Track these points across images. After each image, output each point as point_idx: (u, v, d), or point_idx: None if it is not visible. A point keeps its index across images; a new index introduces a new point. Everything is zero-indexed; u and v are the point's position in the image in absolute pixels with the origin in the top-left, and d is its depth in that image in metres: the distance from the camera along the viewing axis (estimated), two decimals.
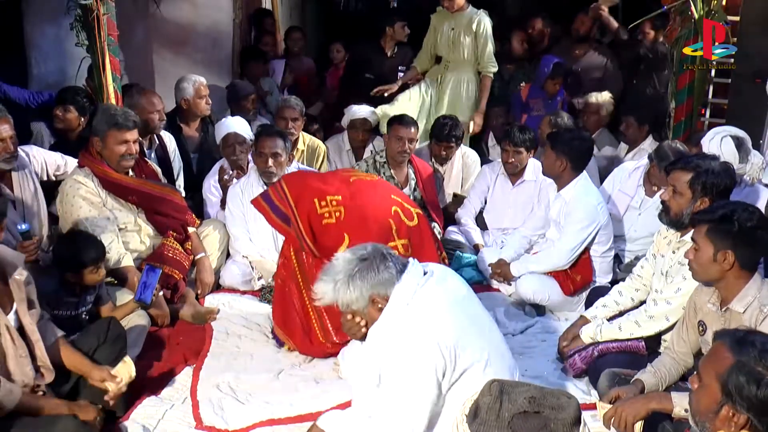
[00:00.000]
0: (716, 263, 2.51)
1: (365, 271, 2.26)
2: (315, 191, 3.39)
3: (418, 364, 2.18)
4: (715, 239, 2.50)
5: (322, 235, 3.32)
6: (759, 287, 2.50)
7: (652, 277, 3.22)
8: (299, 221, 3.33)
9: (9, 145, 3.47)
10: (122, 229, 3.79)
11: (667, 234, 3.15)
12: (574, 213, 3.90)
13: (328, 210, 3.33)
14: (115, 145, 3.70)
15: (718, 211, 2.53)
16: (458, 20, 5.42)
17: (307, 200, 3.36)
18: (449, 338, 2.20)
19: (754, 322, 2.43)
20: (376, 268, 2.26)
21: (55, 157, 4.03)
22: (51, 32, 5.37)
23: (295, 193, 3.40)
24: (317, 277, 2.36)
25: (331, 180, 3.53)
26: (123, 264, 3.68)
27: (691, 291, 2.81)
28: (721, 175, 2.98)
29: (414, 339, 2.20)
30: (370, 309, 2.28)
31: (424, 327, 2.21)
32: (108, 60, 4.25)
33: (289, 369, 3.38)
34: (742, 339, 1.81)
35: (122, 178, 3.78)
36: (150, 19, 6.00)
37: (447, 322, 2.23)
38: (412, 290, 2.27)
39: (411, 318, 2.23)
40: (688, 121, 4.60)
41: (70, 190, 3.69)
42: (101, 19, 4.17)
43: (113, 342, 2.94)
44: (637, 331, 3.08)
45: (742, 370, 1.74)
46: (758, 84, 4.59)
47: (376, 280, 2.25)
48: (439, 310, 2.26)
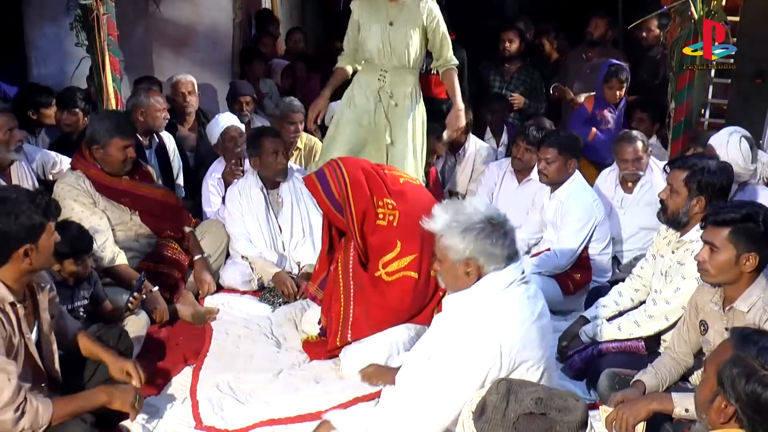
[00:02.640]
0: (737, 266, 2.44)
1: (483, 234, 2.21)
2: (375, 188, 3.21)
3: (474, 358, 2.14)
4: (739, 242, 2.42)
5: (371, 235, 3.21)
6: (764, 287, 2.47)
7: (651, 277, 3.21)
8: (354, 215, 3.17)
9: (17, 134, 3.59)
10: (115, 230, 3.78)
11: (667, 234, 3.14)
12: (572, 212, 3.90)
13: (384, 212, 3.19)
14: (118, 153, 3.70)
15: (740, 211, 2.44)
16: (398, 12, 4.02)
17: (365, 196, 3.17)
18: (515, 347, 2.15)
19: (758, 321, 2.40)
20: (494, 238, 2.21)
21: (50, 155, 4.04)
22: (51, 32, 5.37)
23: (354, 180, 3.19)
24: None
25: (384, 177, 3.30)
26: (117, 263, 3.67)
27: (690, 291, 2.79)
28: (717, 174, 2.96)
29: (482, 333, 2.15)
30: (461, 267, 2.23)
31: (496, 325, 2.16)
32: (108, 60, 4.26)
33: (288, 369, 3.36)
34: (747, 336, 1.83)
35: (115, 181, 3.77)
36: (150, 18, 5.99)
37: (519, 332, 2.18)
38: (506, 284, 2.23)
39: (489, 310, 2.19)
40: (687, 121, 4.59)
41: (62, 192, 3.69)
42: (101, 19, 4.18)
43: (122, 352, 2.91)
44: (636, 330, 3.08)
45: (736, 364, 1.75)
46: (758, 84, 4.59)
47: (486, 248, 2.20)
48: (519, 316, 2.20)
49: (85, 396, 2.57)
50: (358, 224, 3.19)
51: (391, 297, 3.21)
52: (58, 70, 5.34)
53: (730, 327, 2.34)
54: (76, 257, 3.20)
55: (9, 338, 2.35)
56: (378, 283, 3.23)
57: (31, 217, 2.36)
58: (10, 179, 3.68)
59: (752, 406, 1.71)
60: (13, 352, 2.37)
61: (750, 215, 2.42)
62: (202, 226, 4.29)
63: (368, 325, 3.24)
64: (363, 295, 3.25)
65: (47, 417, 2.37)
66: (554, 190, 4.02)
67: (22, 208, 2.35)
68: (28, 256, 2.37)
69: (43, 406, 2.36)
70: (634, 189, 4.29)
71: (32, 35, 5.61)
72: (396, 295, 3.20)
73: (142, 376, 2.73)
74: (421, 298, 3.23)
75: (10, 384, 2.28)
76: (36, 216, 2.37)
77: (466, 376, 2.14)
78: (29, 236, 2.37)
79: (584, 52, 6.06)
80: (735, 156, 3.58)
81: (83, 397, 2.56)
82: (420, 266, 3.18)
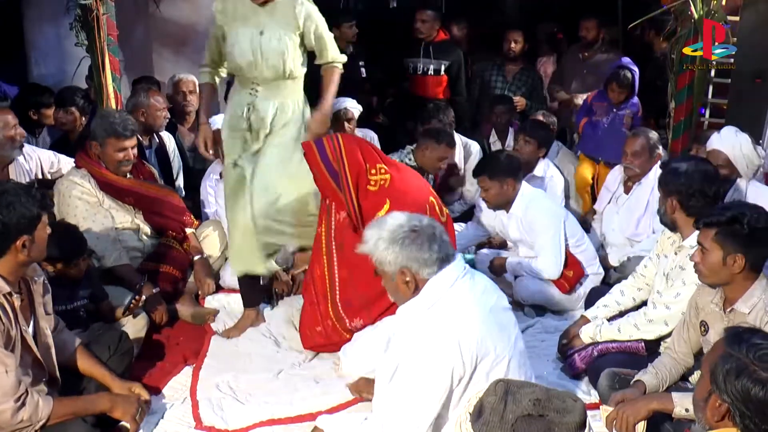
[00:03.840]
0: (726, 267, 2.46)
1: (409, 242, 2.23)
2: (368, 155, 3.28)
3: (436, 361, 2.14)
4: (724, 243, 2.45)
5: (363, 200, 3.26)
6: (764, 288, 2.47)
7: (654, 276, 3.20)
8: (349, 178, 3.22)
9: (21, 131, 3.67)
10: (119, 228, 3.77)
11: (671, 234, 3.13)
12: (536, 222, 3.89)
13: (376, 178, 3.25)
14: (114, 152, 3.70)
15: (726, 213, 2.47)
16: (270, 17, 3.38)
17: (358, 161, 3.24)
18: (473, 342, 2.16)
19: (759, 322, 2.41)
20: (420, 244, 2.23)
21: (48, 154, 4.04)
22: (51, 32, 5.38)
23: (348, 148, 3.26)
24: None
25: (379, 152, 3.46)
26: (120, 262, 3.66)
27: (689, 297, 2.78)
28: (684, 177, 2.95)
29: (437, 335, 2.16)
30: (398, 278, 2.26)
31: (450, 325, 2.17)
32: (108, 60, 4.26)
33: (288, 369, 3.36)
34: (738, 334, 1.83)
35: (119, 179, 3.77)
36: (150, 18, 5.98)
37: (474, 326, 2.19)
38: (449, 284, 2.24)
39: (440, 313, 2.20)
40: (687, 120, 4.59)
41: (66, 190, 3.69)
42: (101, 19, 4.19)
43: (122, 355, 2.96)
44: (636, 334, 3.07)
45: (727, 361, 1.76)
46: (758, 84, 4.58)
47: (414, 255, 2.22)
48: (469, 311, 2.22)
49: (87, 400, 2.58)
50: (355, 187, 3.22)
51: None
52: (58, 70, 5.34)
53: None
54: (67, 261, 3.18)
55: (6, 331, 2.35)
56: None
57: (29, 209, 2.39)
58: (8, 178, 3.67)
59: (743, 402, 1.71)
60: (11, 345, 2.37)
61: (735, 217, 2.44)
62: (202, 226, 4.29)
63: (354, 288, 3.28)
64: (342, 255, 3.29)
65: (47, 412, 2.38)
66: (508, 210, 4.00)
67: (20, 199, 2.37)
68: (26, 247, 2.39)
69: (43, 401, 2.38)
70: (630, 190, 4.29)
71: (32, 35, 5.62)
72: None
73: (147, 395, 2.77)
74: None
75: (8, 376, 2.29)
76: (33, 207, 2.40)
77: (431, 380, 2.15)
78: (28, 227, 2.40)
79: (581, 52, 6.05)
80: (750, 154, 3.61)
81: (85, 401, 2.57)
82: None
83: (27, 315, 2.51)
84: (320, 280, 3.37)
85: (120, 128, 3.66)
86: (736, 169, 3.67)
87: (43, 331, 2.58)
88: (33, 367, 2.50)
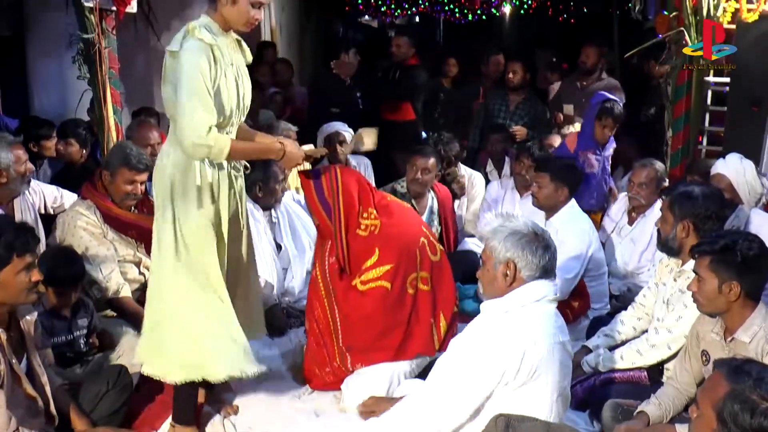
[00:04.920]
0: (722, 295, 2.48)
1: (525, 240, 2.39)
2: (364, 195, 3.26)
3: (493, 354, 2.28)
4: (719, 271, 2.47)
5: (352, 241, 3.22)
6: (764, 317, 2.47)
7: (654, 305, 3.20)
8: (342, 215, 3.20)
9: (30, 166, 3.73)
10: (122, 261, 3.77)
11: (669, 262, 3.14)
12: (568, 240, 3.89)
13: (366, 222, 3.24)
14: (123, 183, 3.71)
15: (719, 242, 2.50)
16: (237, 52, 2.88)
17: (353, 200, 3.22)
18: (536, 357, 2.28)
19: (760, 351, 2.41)
20: (534, 247, 2.38)
21: (51, 189, 4.06)
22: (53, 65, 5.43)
23: (346, 185, 3.23)
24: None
25: (374, 191, 3.39)
26: (121, 294, 3.66)
27: (692, 319, 2.78)
28: (699, 200, 2.98)
29: (508, 333, 2.30)
30: (501, 268, 2.39)
31: (524, 330, 2.31)
32: (109, 92, 4.28)
33: (289, 400, 3.33)
34: (738, 368, 1.82)
35: (123, 213, 3.78)
36: (151, 51, 6.04)
37: (545, 345, 2.31)
38: (538, 296, 2.38)
39: (522, 317, 2.34)
40: (685, 148, 4.61)
41: (71, 220, 3.70)
42: (103, 52, 4.21)
43: (120, 390, 2.93)
44: (639, 360, 3.06)
45: (737, 399, 1.74)
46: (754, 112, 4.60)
47: (524, 253, 2.37)
48: (546, 331, 2.34)
49: None
50: (345, 226, 3.21)
51: (364, 305, 3.22)
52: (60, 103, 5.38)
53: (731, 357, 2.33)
54: (60, 286, 3.18)
55: None
56: (350, 292, 3.25)
57: None
58: (13, 212, 3.73)
59: None
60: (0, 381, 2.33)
61: (728, 245, 2.47)
62: None
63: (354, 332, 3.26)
64: (337, 300, 3.30)
65: None
66: (549, 217, 4.02)
67: None
68: None
69: None
70: (635, 222, 4.30)
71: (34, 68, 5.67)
72: (368, 302, 3.21)
73: None
74: (392, 309, 3.22)
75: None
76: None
77: (483, 369, 2.29)
78: None
79: (579, 80, 6.10)
80: (753, 181, 3.63)
81: None
82: (394, 278, 3.20)
83: (20, 351, 2.48)
84: (323, 321, 3.33)
85: (134, 160, 3.68)
86: (738, 195, 3.69)
87: (37, 368, 2.56)
88: (26, 404, 2.47)
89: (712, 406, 1.80)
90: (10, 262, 2.36)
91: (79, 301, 3.34)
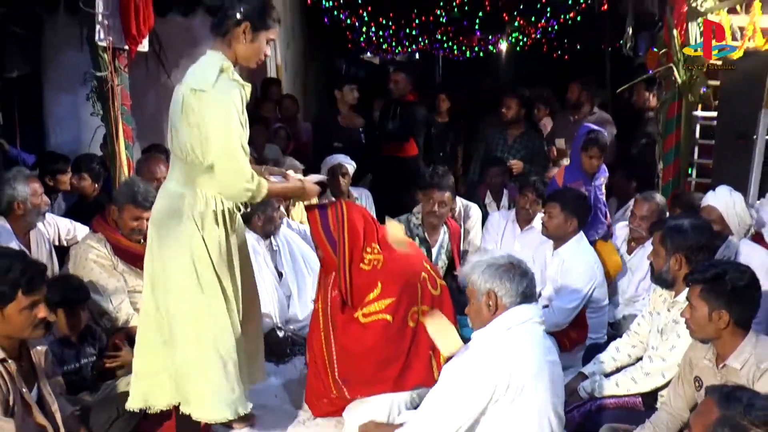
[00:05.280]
0: (712, 322, 2.50)
1: (502, 269, 2.47)
2: (369, 230, 3.29)
3: (483, 372, 2.35)
4: (709, 299, 2.49)
5: (355, 275, 3.23)
6: (755, 344, 2.48)
7: (648, 334, 3.20)
8: (346, 248, 3.21)
9: (46, 199, 3.84)
10: (131, 291, 3.80)
11: (663, 292, 3.15)
12: (573, 272, 3.91)
13: (370, 257, 3.26)
14: (129, 219, 3.75)
15: (710, 271, 2.53)
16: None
17: (358, 234, 3.25)
18: (524, 374, 2.34)
19: (752, 378, 2.41)
20: (512, 276, 2.46)
21: (65, 222, 4.10)
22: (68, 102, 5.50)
23: (351, 220, 3.25)
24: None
25: (378, 227, 3.41)
26: (131, 324, 3.66)
27: (685, 349, 2.79)
28: (690, 233, 3.00)
29: (494, 352, 2.37)
30: (484, 299, 2.48)
31: (510, 349, 2.37)
32: (121, 128, 4.33)
33: (292, 427, 3.32)
34: (729, 394, 1.83)
35: (133, 246, 3.81)
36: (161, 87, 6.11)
37: (531, 362, 2.38)
38: (523, 319, 2.44)
39: (507, 337, 2.41)
40: (676, 180, 4.65)
41: (83, 253, 3.74)
42: (116, 89, 4.27)
43: (129, 417, 2.93)
44: (633, 387, 3.05)
45: (727, 424, 1.75)
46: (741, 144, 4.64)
47: (503, 282, 2.46)
48: (533, 350, 2.41)
49: None
50: (349, 261, 3.22)
51: (365, 337, 3.22)
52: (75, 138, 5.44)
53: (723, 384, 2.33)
54: (68, 307, 3.23)
55: (4, 397, 2.31)
56: (352, 325, 3.25)
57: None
58: (29, 244, 3.78)
59: None
60: (9, 411, 2.32)
61: (718, 274, 2.49)
62: None
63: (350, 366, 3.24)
64: (336, 335, 3.30)
65: None
66: (557, 246, 4.03)
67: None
68: None
69: None
70: (633, 251, 4.31)
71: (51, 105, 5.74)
72: (369, 335, 3.22)
73: None
74: (393, 341, 3.23)
75: None
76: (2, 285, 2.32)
77: (474, 386, 2.35)
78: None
79: (570, 115, 6.16)
80: (743, 213, 3.65)
81: None
82: (396, 311, 3.22)
83: (30, 381, 2.48)
84: (319, 355, 3.33)
85: (140, 197, 3.70)
86: (727, 226, 3.71)
87: (47, 396, 2.55)
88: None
89: (705, 431, 1.80)
90: (14, 299, 2.35)
91: (86, 328, 3.38)
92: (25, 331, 2.40)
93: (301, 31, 10.09)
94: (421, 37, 14.91)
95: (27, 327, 2.39)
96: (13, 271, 2.33)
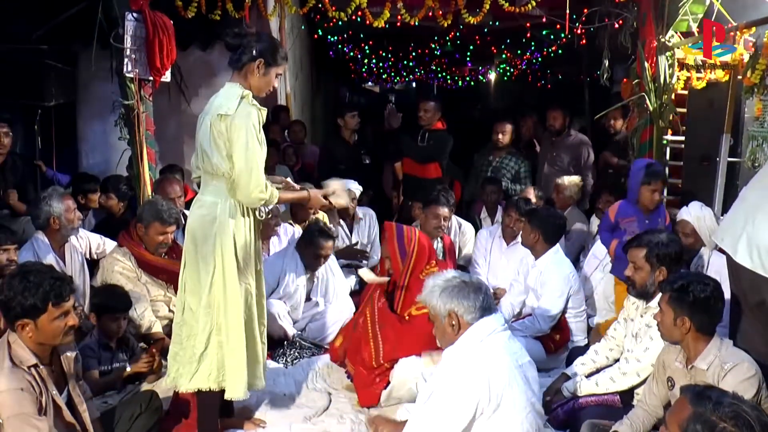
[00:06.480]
0: (676, 327, 2.54)
1: (457, 290, 2.42)
2: (431, 253, 3.61)
3: (466, 391, 2.27)
4: (675, 306, 2.54)
5: (414, 281, 3.46)
6: (719, 347, 2.52)
7: (623, 338, 3.20)
8: (413, 260, 3.50)
9: (78, 215, 3.88)
10: (154, 300, 3.83)
11: (636, 300, 3.15)
12: (549, 283, 3.93)
13: (429, 270, 3.47)
14: (155, 236, 3.80)
15: (678, 281, 2.57)
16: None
17: (425, 253, 3.55)
18: (500, 383, 2.28)
19: (717, 378, 2.43)
20: (467, 293, 2.41)
21: (96, 237, 4.13)
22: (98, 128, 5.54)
23: (421, 243, 3.56)
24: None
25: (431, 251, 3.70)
26: (153, 330, 3.71)
27: (658, 350, 2.81)
28: (670, 245, 3.04)
29: (471, 370, 2.30)
30: (446, 321, 2.42)
31: (483, 364, 2.30)
32: (145, 151, 4.36)
33: (300, 422, 3.29)
34: (701, 393, 1.85)
35: (155, 259, 3.86)
36: (182, 114, 6.15)
37: (505, 370, 2.31)
38: (489, 331, 2.38)
39: (479, 353, 2.34)
40: None
41: (110, 266, 3.78)
42: (141, 116, 4.31)
43: (152, 412, 2.93)
44: (612, 386, 3.06)
45: (698, 420, 1.76)
46: (706, 166, 4.67)
47: (459, 301, 2.40)
48: (502, 358, 2.34)
49: None
50: (412, 269, 3.50)
51: (416, 323, 3.37)
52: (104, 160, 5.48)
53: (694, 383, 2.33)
54: (113, 313, 3.34)
55: (37, 399, 2.31)
56: (399, 321, 3.47)
57: (26, 298, 2.32)
58: (64, 256, 3.82)
59: None
60: (42, 411, 2.32)
61: (684, 285, 2.53)
62: None
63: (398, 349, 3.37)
64: (386, 331, 3.44)
65: None
66: (536, 258, 4.04)
67: (27, 286, 2.32)
68: (25, 329, 2.34)
69: None
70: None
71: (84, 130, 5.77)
72: (420, 321, 3.32)
73: None
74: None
75: None
76: (31, 298, 2.32)
77: (459, 406, 2.27)
78: (25, 314, 2.33)
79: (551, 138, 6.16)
80: (712, 226, 3.67)
81: None
82: None
83: (61, 384, 2.48)
84: (368, 358, 3.43)
85: (165, 215, 3.77)
86: (699, 238, 3.73)
87: (76, 398, 2.56)
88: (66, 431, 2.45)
89: (678, 426, 1.81)
90: (45, 311, 2.35)
91: (124, 337, 3.44)
92: (56, 339, 2.42)
93: (309, 63, 10.15)
94: (418, 68, 15.02)
95: (58, 335, 2.40)
96: (43, 286, 2.34)
